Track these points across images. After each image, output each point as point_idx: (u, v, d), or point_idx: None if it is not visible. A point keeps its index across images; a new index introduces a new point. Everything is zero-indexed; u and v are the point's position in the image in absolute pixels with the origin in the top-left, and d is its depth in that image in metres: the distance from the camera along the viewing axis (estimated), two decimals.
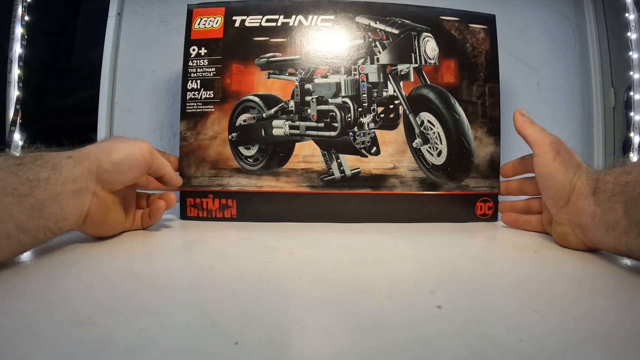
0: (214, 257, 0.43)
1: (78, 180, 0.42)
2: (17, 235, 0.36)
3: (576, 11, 0.96)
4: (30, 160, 0.39)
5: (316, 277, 0.37)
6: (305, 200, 0.63)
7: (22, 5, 0.87)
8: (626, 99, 0.88)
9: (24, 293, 0.31)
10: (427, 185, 0.64)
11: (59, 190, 0.40)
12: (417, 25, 0.64)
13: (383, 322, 0.26)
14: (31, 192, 0.37)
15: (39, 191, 0.38)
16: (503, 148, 0.66)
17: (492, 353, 0.22)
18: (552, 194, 0.49)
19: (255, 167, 0.63)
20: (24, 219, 0.36)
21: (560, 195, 0.48)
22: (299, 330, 0.26)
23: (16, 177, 0.37)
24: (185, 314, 0.28)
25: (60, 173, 0.40)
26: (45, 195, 0.38)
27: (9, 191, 0.35)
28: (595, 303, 0.30)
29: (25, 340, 0.23)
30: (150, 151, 0.51)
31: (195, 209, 0.64)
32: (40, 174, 0.39)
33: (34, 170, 0.38)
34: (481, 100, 0.65)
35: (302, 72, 0.63)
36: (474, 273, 0.38)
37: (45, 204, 0.38)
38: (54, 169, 0.40)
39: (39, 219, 0.38)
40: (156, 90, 0.91)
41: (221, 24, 0.64)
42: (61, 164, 0.41)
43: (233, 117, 0.63)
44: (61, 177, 0.40)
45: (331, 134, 0.63)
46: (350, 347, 0.24)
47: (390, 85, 0.63)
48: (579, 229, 0.46)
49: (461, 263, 0.42)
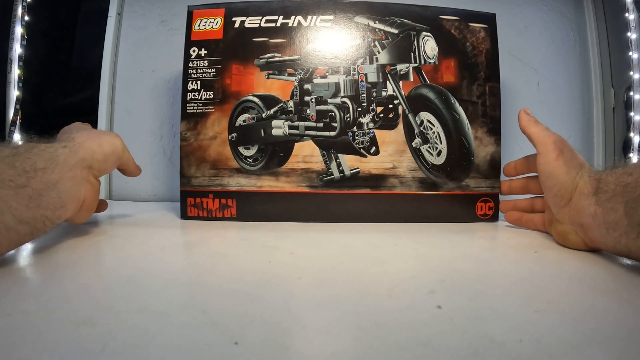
0: (214, 256, 0.43)
1: (75, 169, 0.43)
2: (16, 227, 0.36)
3: (576, 11, 0.96)
4: (25, 150, 0.40)
5: (316, 277, 0.37)
6: (305, 200, 0.63)
7: (22, 5, 0.87)
8: (626, 99, 0.88)
9: (25, 293, 0.31)
10: (427, 185, 0.64)
11: (56, 179, 0.40)
12: (416, 25, 0.64)
13: (383, 322, 0.26)
14: (28, 182, 0.37)
15: (36, 181, 0.38)
16: (503, 148, 0.65)
17: (492, 353, 0.22)
18: (554, 192, 0.49)
19: (254, 167, 0.63)
20: (22, 210, 0.36)
21: (563, 194, 0.48)
22: (299, 330, 0.26)
23: (12, 169, 0.37)
24: (186, 314, 0.27)
25: (57, 162, 0.41)
26: (42, 185, 0.39)
27: (6, 183, 0.35)
28: (595, 303, 0.30)
29: (25, 340, 0.23)
30: (123, 145, 0.53)
31: (195, 209, 0.64)
32: (37, 163, 0.39)
33: (31, 160, 0.39)
34: (481, 100, 0.65)
35: (301, 72, 0.63)
36: (474, 273, 0.38)
37: (43, 193, 0.39)
38: (51, 159, 0.41)
39: (38, 209, 0.38)
40: (156, 90, 0.91)
41: (221, 25, 0.64)
42: (57, 154, 0.42)
43: (233, 117, 0.63)
44: (58, 166, 0.41)
45: (330, 134, 0.63)
46: (351, 346, 0.24)
47: (390, 85, 0.63)
48: (580, 229, 0.46)
49: (461, 263, 0.42)
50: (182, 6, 0.92)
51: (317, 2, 0.64)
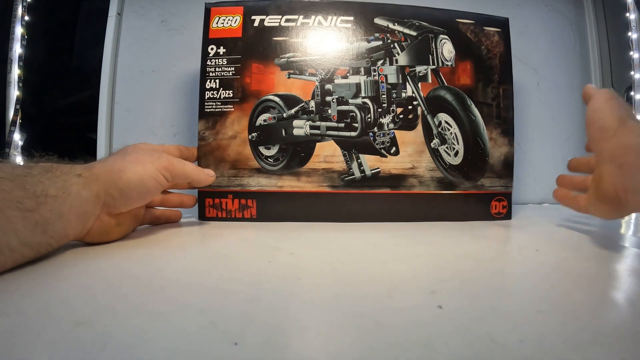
0: (213, 257, 0.43)
1: (85, 204, 0.41)
2: (20, 249, 0.35)
3: (576, 11, 0.98)
4: (39, 172, 0.38)
5: (316, 278, 0.36)
6: (326, 200, 0.63)
7: (22, 5, 0.86)
8: (626, 99, 0.90)
9: (23, 293, 0.30)
10: (445, 184, 0.65)
11: (65, 211, 0.39)
12: (434, 28, 0.64)
13: (384, 322, 0.26)
14: (37, 207, 0.36)
15: (45, 208, 0.37)
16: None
17: (493, 353, 0.22)
18: (599, 125, 0.45)
19: (275, 167, 0.63)
20: (27, 234, 0.35)
21: (608, 127, 0.44)
22: (299, 330, 0.26)
23: (22, 190, 0.36)
24: (185, 314, 0.27)
25: (69, 193, 0.39)
26: (50, 214, 0.37)
27: (14, 204, 0.34)
28: (599, 303, 0.30)
29: (24, 340, 0.23)
30: (166, 168, 0.49)
31: (214, 210, 0.63)
32: (48, 190, 0.38)
33: (43, 184, 0.37)
34: (496, 102, 0.66)
35: (322, 72, 0.63)
36: (476, 272, 0.38)
37: (50, 221, 0.37)
38: (64, 188, 0.39)
39: (42, 236, 0.37)
40: (156, 90, 0.90)
41: (240, 23, 0.63)
42: (71, 183, 0.40)
43: (253, 116, 0.63)
44: (69, 198, 0.39)
45: (351, 134, 0.63)
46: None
47: (409, 86, 0.64)
48: (619, 170, 0.41)
49: (463, 262, 0.41)
50: (183, 6, 0.92)
51: (337, 2, 0.65)
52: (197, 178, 0.55)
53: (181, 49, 0.90)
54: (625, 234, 0.59)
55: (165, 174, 0.49)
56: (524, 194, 0.95)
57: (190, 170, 0.53)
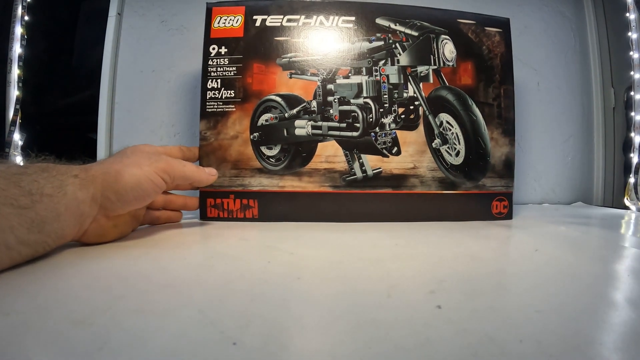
0: (221, 256, 0.43)
1: (82, 205, 0.41)
2: (17, 248, 0.34)
3: (576, 11, 0.98)
4: (34, 171, 0.38)
5: (316, 277, 0.36)
6: (328, 200, 0.63)
7: (22, 5, 0.85)
8: (626, 99, 0.91)
9: (22, 293, 0.30)
10: (446, 184, 0.65)
11: (61, 211, 0.38)
12: (435, 28, 0.64)
13: (383, 322, 0.26)
14: (32, 205, 0.35)
15: (41, 207, 0.36)
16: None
17: (492, 353, 0.22)
18: None
19: (277, 167, 0.63)
20: (24, 232, 0.35)
21: None
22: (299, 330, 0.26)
23: (17, 188, 0.35)
24: (184, 313, 0.27)
25: (65, 193, 0.39)
26: (47, 213, 0.37)
27: (9, 201, 0.34)
28: (598, 303, 0.30)
29: (22, 340, 0.23)
30: (165, 171, 0.49)
31: (215, 210, 0.63)
32: (44, 189, 0.37)
33: (38, 183, 0.37)
34: (497, 102, 0.66)
35: (324, 72, 0.63)
36: (475, 272, 0.38)
37: (46, 220, 0.37)
38: (60, 188, 0.38)
39: (39, 234, 0.36)
40: (156, 90, 0.90)
41: (241, 23, 0.63)
42: (67, 183, 0.39)
43: (255, 116, 0.63)
44: (65, 198, 0.39)
45: (353, 134, 0.63)
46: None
47: (411, 86, 0.64)
48: None
49: (462, 262, 0.41)
50: (183, 6, 0.92)
51: (339, 2, 0.64)
52: (198, 179, 0.55)
53: (181, 49, 0.90)
54: (625, 234, 0.59)
55: (163, 176, 0.48)
56: (524, 194, 0.95)
57: (190, 171, 0.53)
